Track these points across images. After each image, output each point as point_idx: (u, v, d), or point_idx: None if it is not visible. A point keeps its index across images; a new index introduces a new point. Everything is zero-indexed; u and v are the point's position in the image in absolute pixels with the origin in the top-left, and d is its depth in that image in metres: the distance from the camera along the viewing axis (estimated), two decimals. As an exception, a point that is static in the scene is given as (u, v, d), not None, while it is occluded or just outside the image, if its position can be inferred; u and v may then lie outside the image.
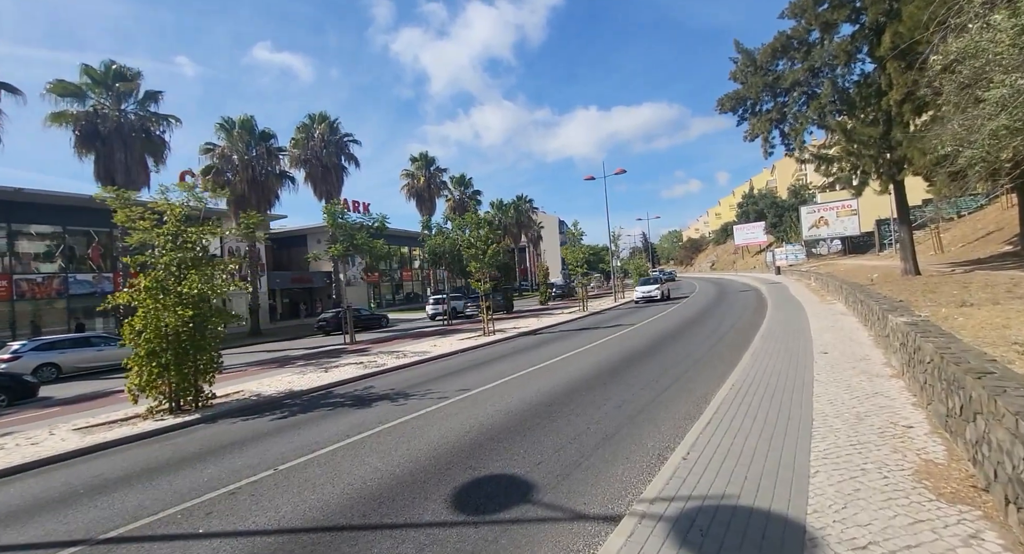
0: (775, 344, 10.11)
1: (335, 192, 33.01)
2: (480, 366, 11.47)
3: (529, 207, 65.33)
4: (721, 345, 11.33)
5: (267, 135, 27.39)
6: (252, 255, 27.98)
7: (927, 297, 12.79)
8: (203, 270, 9.37)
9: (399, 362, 12.86)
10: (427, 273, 56.68)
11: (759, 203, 67.61)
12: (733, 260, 73.38)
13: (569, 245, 28.78)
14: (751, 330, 12.84)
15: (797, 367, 7.77)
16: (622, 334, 14.92)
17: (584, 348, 12.68)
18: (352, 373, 11.63)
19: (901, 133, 17.40)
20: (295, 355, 17.40)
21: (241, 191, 26.06)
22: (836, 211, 45.03)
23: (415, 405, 7.96)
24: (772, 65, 21.94)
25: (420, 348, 15.63)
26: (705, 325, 15.33)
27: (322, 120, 31.76)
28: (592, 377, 8.92)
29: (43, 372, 15.98)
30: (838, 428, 4.81)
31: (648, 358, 10.42)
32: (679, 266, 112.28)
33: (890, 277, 19.61)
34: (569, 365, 10.40)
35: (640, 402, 6.93)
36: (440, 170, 43.73)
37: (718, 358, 9.76)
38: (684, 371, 8.81)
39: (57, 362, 16.88)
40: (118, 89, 21.24)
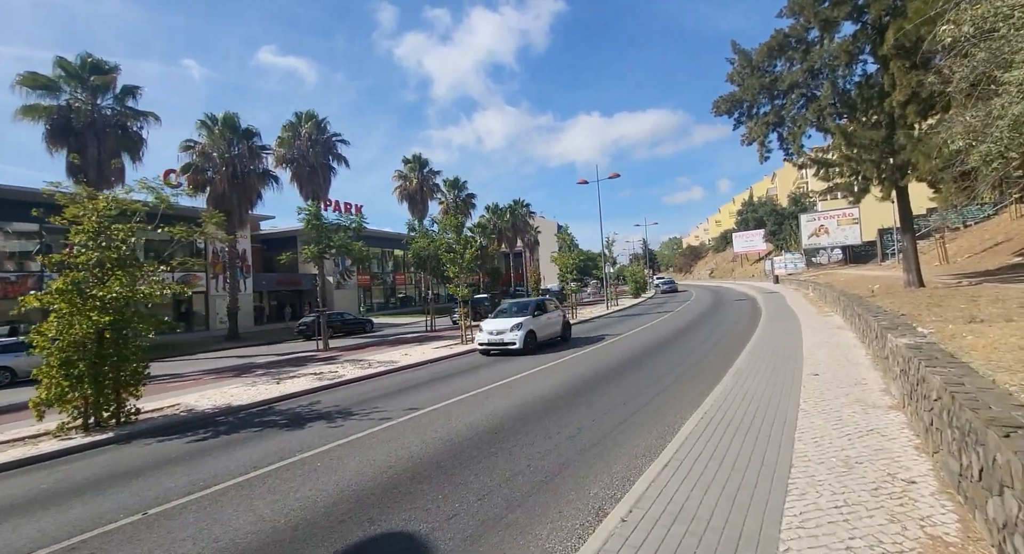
0: (762, 362, 9.17)
1: (322, 193, 32.23)
2: (442, 380, 10.55)
3: (526, 211, 64.43)
4: (704, 361, 10.39)
5: (250, 133, 26.62)
6: (232, 256, 27.15)
7: (932, 311, 11.84)
8: (131, 272, 8.49)
9: (361, 373, 11.94)
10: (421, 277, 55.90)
11: (759, 211, 66.71)
12: (732, 268, 72.42)
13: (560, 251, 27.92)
14: (739, 344, 11.89)
15: (782, 392, 6.83)
16: (605, 345, 13.99)
17: (559, 361, 11.75)
18: (304, 386, 10.72)
19: (905, 136, 16.52)
20: (261, 362, 16.50)
21: (222, 190, 25.27)
22: (837, 219, 44.09)
23: (351, 428, 7.04)
24: (770, 66, 21.14)
25: (390, 357, 14.72)
26: (692, 337, 14.39)
27: (309, 118, 31.02)
28: (554, 397, 7.99)
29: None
30: (821, 480, 3.88)
31: (622, 375, 9.49)
32: (678, 273, 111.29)
33: (892, 289, 18.65)
34: (535, 381, 9.47)
35: (598, 431, 6.01)
36: (433, 172, 42.97)
37: (698, 376, 8.83)
38: (658, 392, 7.88)
39: (11, 366, 16.02)
40: (93, 83, 20.49)
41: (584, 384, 8.88)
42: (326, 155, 31.99)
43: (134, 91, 21.85)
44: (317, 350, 18.73)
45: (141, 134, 22.34)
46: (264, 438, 6.90)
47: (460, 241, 17.23)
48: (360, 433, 6.70)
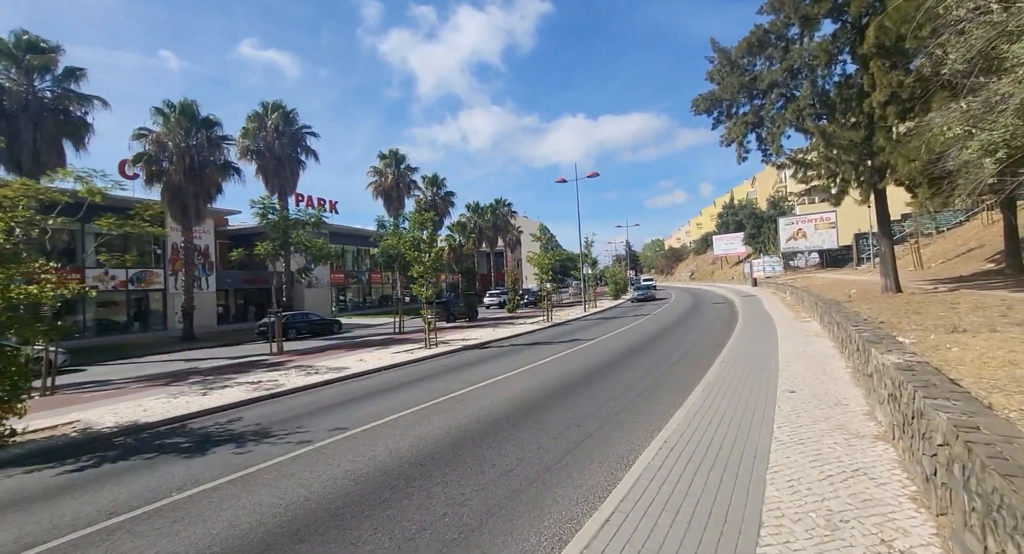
0: (735, 374, 8.39)
1: (289, 187, 30.82)
2: (389, 391, 9.53)
3: (508, 211, 63.47)
4: (673, 373, 9.58)
5: (210, 122, 25.08)
6: (188, 252, 25.58)
7: (911, 319, 11.28)
8: (8, 269, 7.29)
9: (304, 382, 10.84)
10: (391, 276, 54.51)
11: (738, 214, 67.00)
12: (712, 270, 72.68)
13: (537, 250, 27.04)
14: (713, 351, 11.14)
15: (755, 413, 6.02)
16: (572, 352, 13.13)
17: (521, 369, 10.83)
18: (234, 398, 9.59)
19: (884, 138, 16.06)
20: (204, 367, 15.21)
21: (178, 182, 23.71)
22: (814, 223, 44.23)
23: (257, 455, 6.00)
24: (749, 65, 20.60)
25: (344, 363, 13.62)
26: (664, 344, 13.62)
27: (276, 109, 29.56)
28: (502, 416, 7.06)
29: None
30: (799, 549, 3.02)
31: (583, 388, 8.62)
32: (659, 275, 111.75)
33: (869, 294, 18.24)
34: (489, 394, 8.53)
35: (540, 464, 5.10)
36: (410, 169, 41.68)
37: (664, 391, 7.99)
38: (616, 411, 7.01)
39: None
40: (29, 62, 18.84)
41: (539, 399, 7.97)
42: (294, 147, 30.56)
43: (77, 73, 20.22)
44: (270, 354, 17.48)
45: (86, 120, 20.72)
46: (151, 468, 5.81)
47: (426, 239, 16.18)
48: (264, 463, 5.67)
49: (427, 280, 16.41)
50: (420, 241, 16.25)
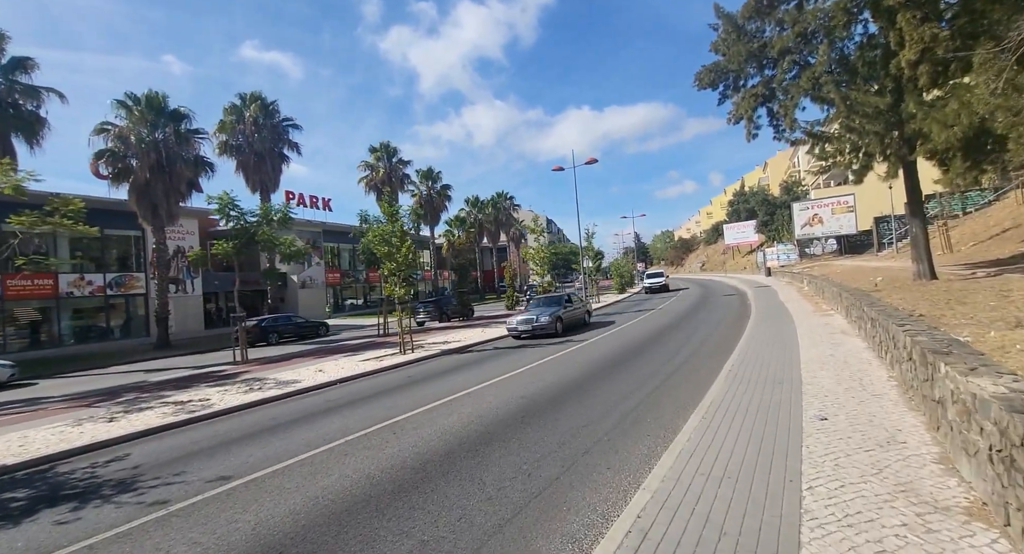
0: (745, 391, 6.58)
1: (271, 183, 29.38)
2: (318, 416, 7.88)
3: (510, 204, 61.72)
4: (666, 390, 7.78)
5: (180, 115, 23.55)
6: (161, 254, 24.20)
7: (957, 311, 9.35)
8: None
9: (237, 402, 9.27)
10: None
11: (750, 201, 64.33)
12: (723, 260, 70.13)
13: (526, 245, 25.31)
14: (719, 357, 9.33)
15: (772, 461, 4.24)
16: (552, 359, 11.37)
17: (485, 384, 9.12)
18: (140, 425, 8.03)
19: (915, 103, 14.00)
20: (151, 382, 13.74)
21: (144, 179, 22.30)
22: (831, 208, 41.75)
23: (80, 528, 4.38)
24: (758, 31, 18.52)
25: (299, 375, 12.03)
26: (662, 347, 11.80)
27: (254, 100, 28.05)
28: (434, 462, 5.35)
29: None
30: None
31: (548, 414, 6.87)
32: (670, 266, 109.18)
33: (898, 281, 16.20)
34: (431, 422, 6.83)
35: (466, 541, 3.39)
36: (403, 162, 40.06)
37: (650, 421, 6.19)
38: (585, 449, 5.26)
39: None
40: (-35, 51, 17.47)
41: (489, 429, 6.23)
42: (275, 142, 29.09)
43: (26, 64, 18.83)
44: (232, 363, 15.98)
45: (39, 114, 19.34)
46: (-68, 548, 4.22)
47: (396, 233, 14.50)
48: (77, 544, 4.04)
49: (400, 278, 14.75)
50: (390, 235, 14.57)
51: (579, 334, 15.70)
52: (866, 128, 15.10)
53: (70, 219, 11.32)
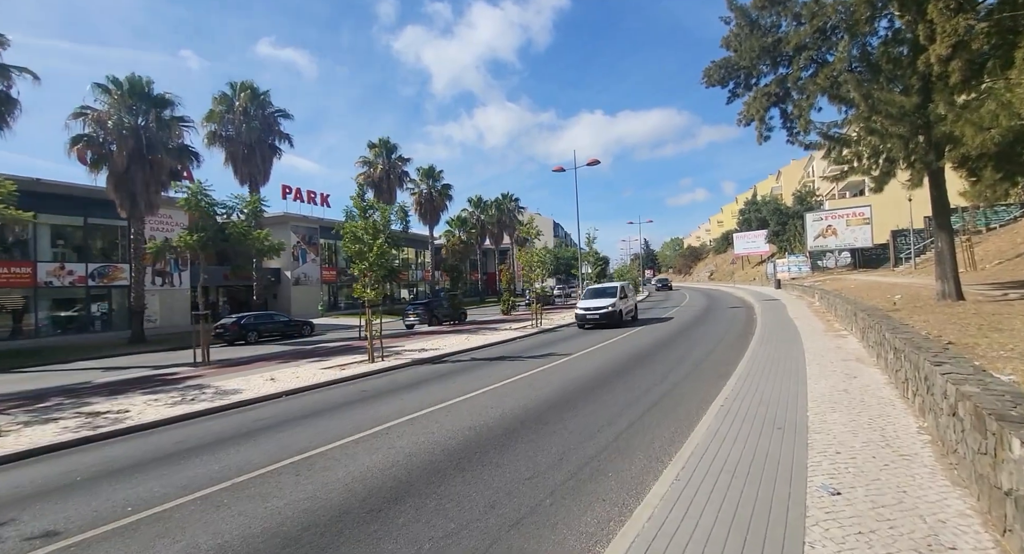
0: (737, 440, 5.26)
1: (261, 176, 28.43)
2: (245, 438, 6.68)
3: (514, 206, 60.58)
4: (641, 430, 6.47)
5: (164, 101, 22.63)
6: (136, 246, 23.23)
7: (990, 338, 7.97)
8: None
9: (155, 417, 8.13)
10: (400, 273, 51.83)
11: (762, 210, 62.52)
12: (732, 270, 68.35)
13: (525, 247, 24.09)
14: (712, 387, 8.00)
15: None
16: (527, 376, 10.09)
17: (448, 403, 7.88)
18: (28, 443, 6.92)
19: (945, 103, 12.58)
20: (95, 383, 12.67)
21: (123, 166, 21.39)
22: (846, 219, 40.01)
23: None
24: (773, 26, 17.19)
25: (247, 383, 10.87)
26: (652, 366, 10.47)
27: (245, 89, 27.13)
28: (354, 506, 4.11)
29: None
30: None
31: (495, 454, 5.60)
32: (677, 275, 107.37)
33: (919, 300, 14.74)
34: (371, 453, 5.60)
35: None
36: (403, 159, 39.03)
37: (612, 475, 4.90)
38: (516, 520, 3.98)
39: None
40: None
41: (396, 490, 4.96)
42: (266, 133, 28.13)
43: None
44: (192, 364, 14.88)
45: (10, 95, 18.47)
46: None
47: (368, 230, 13.32)
48: None
49: (371, 279, 13.56)
50: (362, 232, 13.40)
51: (569, 346, 14.40)
52: (889, 130, 13.68)
53: (0, 203, 10.23)
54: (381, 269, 13.63)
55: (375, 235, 13.45)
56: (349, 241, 13.53)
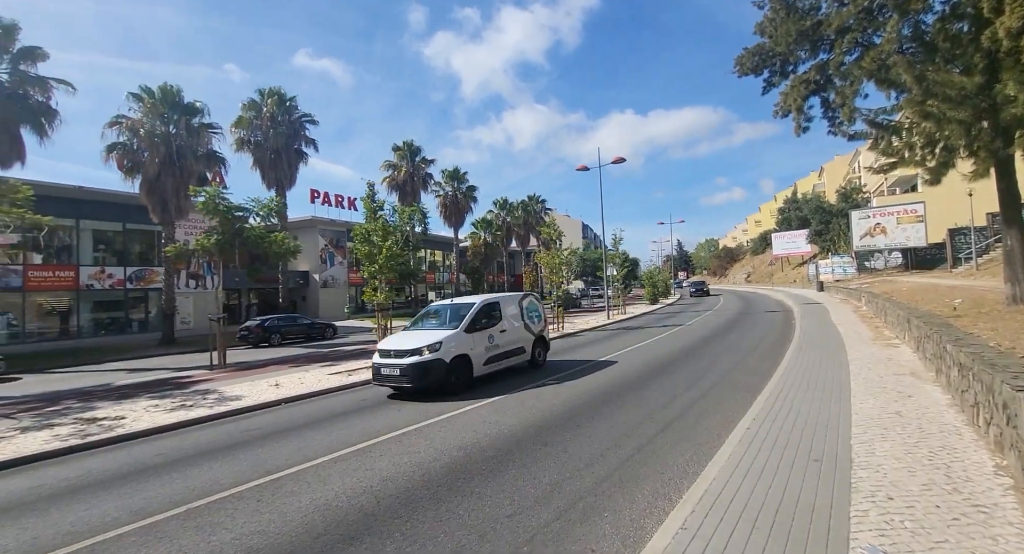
0: (760, 480, 4.42)
1: (287, 180, 28.86)
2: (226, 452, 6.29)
3: (541, 208, 59.79)
4: (651, 453, 5.68)
5: (194, 109, 23.22)
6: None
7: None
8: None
9: (146, 425, 7.92)
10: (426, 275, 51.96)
11: (802, 208, 59.31)
12: (770, 272, 65.23)
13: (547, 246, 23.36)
14: (739, 404, 7.09)
15: None
16: (543, 385, 9.39)
17: (453, 414, 7.29)
18: (12, 453, 6.75)
19: (1016, 83, 11.12)
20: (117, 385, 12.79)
21: (155, 173, 22.01)
22: (896, 216, 37.24)
23: None
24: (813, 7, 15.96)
25: (255, 388, 10.64)
26: (673, 379, 9.55)
27: (272, 95, 27.60)
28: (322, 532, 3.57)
29: None
30: None
31: (478, 483, 4.94)
32: (712, 276, 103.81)
33: (985, 306, 13.11)
34: (344, 476, 5.07)
35: None
36: (426, 161, 39.02)
37: (609, 514, 4.17)
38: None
39: None
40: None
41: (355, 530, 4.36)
42: (292, 138, 28.54)
43: (35, 54, 18.72)
44: (208, 367, 14.91)
45: (50, 105, 19.24)
46: None
47: (378, 231, 12.95)
48: None
49: (381, 281, 13.19)
50: (371, 233, 13.04)
51: (586, 353, 13.58)
52: (947, 115, 12.24)
53: (19, 207, 10.38)
54: (391, 272, 13.23)
55: (385, 237, 13.07)
56: (359, 242, 13.21)
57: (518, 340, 10.68)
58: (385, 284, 13.23)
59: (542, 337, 11.65)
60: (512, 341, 10.44)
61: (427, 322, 10.39)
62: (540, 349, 11.49)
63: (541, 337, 11.58)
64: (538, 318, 11.62)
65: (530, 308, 11.50)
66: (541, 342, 11.56)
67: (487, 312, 10.16)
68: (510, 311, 10.78)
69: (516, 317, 10.90)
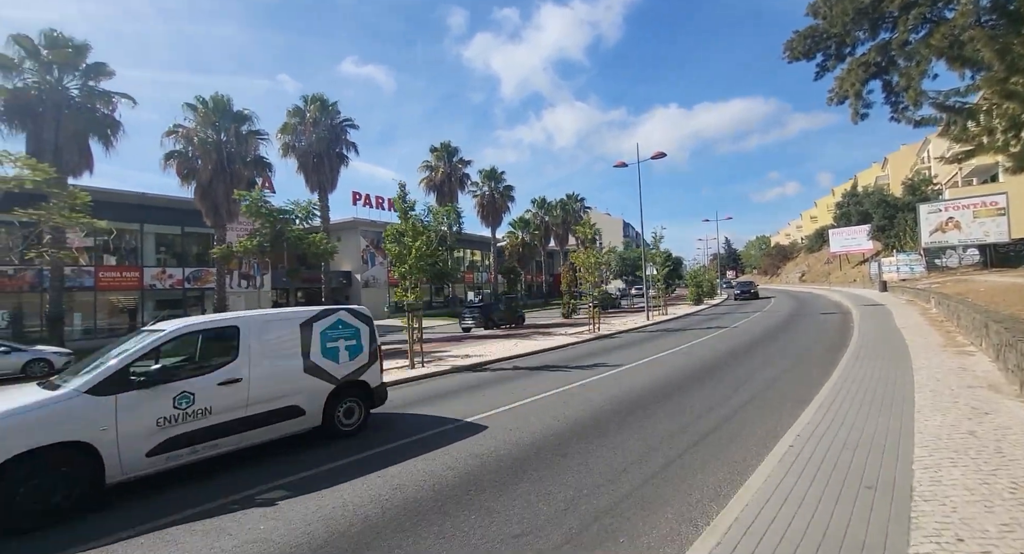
0: (799, 515, 3.90)
1: (329, 183, 29.72)
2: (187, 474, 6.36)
3: (580, 206, 59.02)
4: (665, 480, 5.22)
5: (243, 117, 24.31)
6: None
7: None
8: None
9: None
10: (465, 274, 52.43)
11: (863, 202, 55.25)
12: (827, 271, 61.28)
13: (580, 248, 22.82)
14: (779, 419, 6.46)
15: None
16: (570, 389, 9.01)
17: (475, 418, 7.09)
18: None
19: (1122, 52, 9.72)
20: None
21: (208, 179, 23.21)
22: (973, 210, 33.92)
23: None
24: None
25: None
26: (708, 389, 8.93)
27: (314, 102, 28.52)
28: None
29: None
30: None
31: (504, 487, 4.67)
32: (763, 276, 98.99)
33: (1083, 310, 11.54)
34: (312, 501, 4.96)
35: None
36: (463, 161, 39.24)
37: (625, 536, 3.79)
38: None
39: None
40: (48, 58, 18.85)
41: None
42: (334, 142, 29.36)
43: (102, 69, 20.13)
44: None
45: (114, 117, 20.67)
46: None
47: (408, 231, 12.96)
48: None
49: (412, 282, 13.20)
50: (401, 233, 13.08)
51: (619, 357, 13.06)
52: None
53: (78, 212, 11.12)
54: (420, 272, 13.21)
55: (415, 237, 13.06)
56: (389, 242, 13.28)
57: (285, 394, 6.11)
58: (415, 284, 13.22)
59: (362, 383, 7.01)
60: (267, 396, 5.92)
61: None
62: (356, 404, 6.85)
63: (359, 383, 6.98)
64: (354, 352, 6.93)
65: (332, 334, 6.76)
66: (358, 393, 6.94)
67: (192, 347, 6.25)
68: (272, 340, 6.20)
69: (286, 352, 6.29)
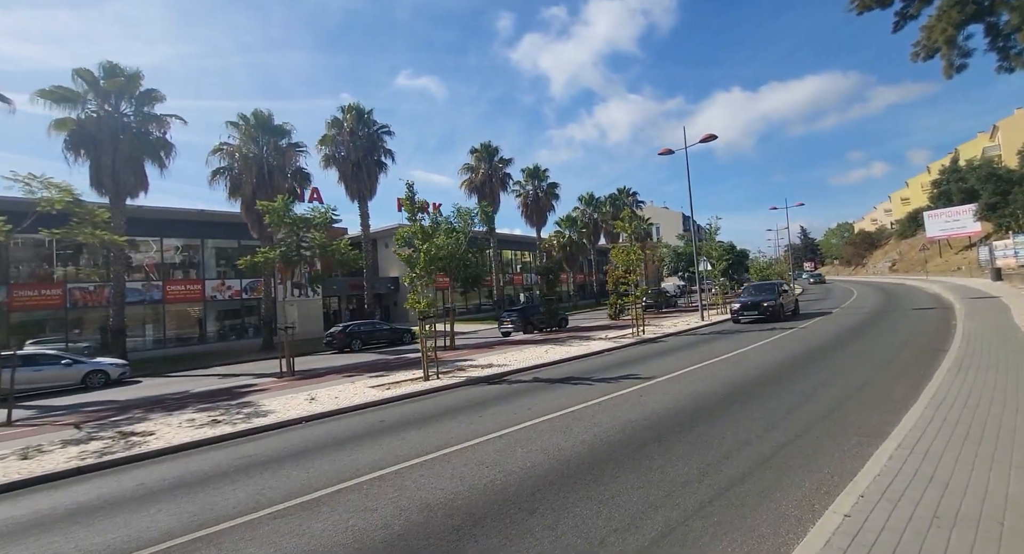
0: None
1: (368, 192, 29.97)
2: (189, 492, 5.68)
3: (632, 201, 56.37)
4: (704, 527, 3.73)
5: (282, 131, 25.01)
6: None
7: None
8: None
9: (171, 442, 7.80)
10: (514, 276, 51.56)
11: (967, 178, 47.95)
12: (923, 258, 53.89)
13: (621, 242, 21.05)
14: (852, 451, 4.75)
15: None
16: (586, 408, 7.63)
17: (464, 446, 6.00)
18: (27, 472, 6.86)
19: None
20: (193, 392, 13.61)
21: (251, 193, 24.00)
22: (1116, 178, 27.92)
23: None
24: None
25: (292, 403, 10.39)
26: (754, 410, 7.16)
27: (351, 111, 28.85)
28: None
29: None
30: None
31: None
32: (846, 266, 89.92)
33: None
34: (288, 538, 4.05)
35: None
36: (504, 161, 38.36)
37: None
38: None
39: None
40: (106, 88, 20.15)
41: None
42: (371, 150, 29.57)
43: (155, 95, 21.30)
44: (277, 375, 15.41)
45: (166, 139, 21.83)
46: None
47: (418, 235, 12.13)
48: None
49: (423, 286, 12.35)
50: (412, 236, 12.28)
51: (658, 366, 11.41)
52: None
53: (99, 229, 11.37)
54: (430, 277, 12.33)
55: (424, 239, 12.21)
56: (399, 245, 12.54)
57: None
58: (427, 290, 12.36)
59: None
60: None
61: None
62: None
63: None
64: None
65: None
66: None
67: None
68: None
69: None
